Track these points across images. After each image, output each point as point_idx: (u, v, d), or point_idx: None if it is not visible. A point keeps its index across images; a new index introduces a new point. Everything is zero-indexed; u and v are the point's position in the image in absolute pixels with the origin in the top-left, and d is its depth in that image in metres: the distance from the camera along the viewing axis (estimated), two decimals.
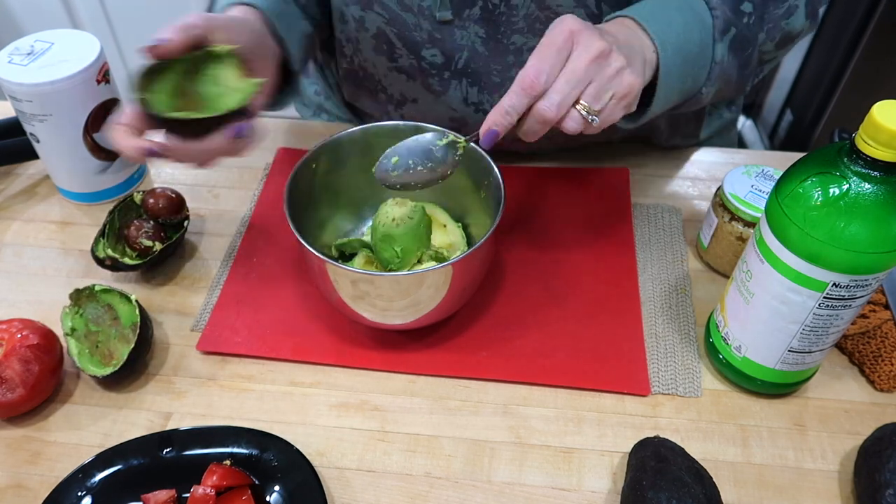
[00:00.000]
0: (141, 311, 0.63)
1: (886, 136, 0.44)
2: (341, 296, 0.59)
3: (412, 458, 0.58)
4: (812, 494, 0.56)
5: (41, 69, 0.69)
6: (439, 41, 0.70)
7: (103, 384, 0.63)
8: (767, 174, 0.68)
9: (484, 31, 0.69)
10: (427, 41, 0.70)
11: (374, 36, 0.72)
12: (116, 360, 0.61)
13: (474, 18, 0.68)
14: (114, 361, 0.61)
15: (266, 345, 0.65)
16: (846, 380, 0.63)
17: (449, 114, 0.76)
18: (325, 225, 0.70)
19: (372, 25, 0.71)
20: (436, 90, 0.74)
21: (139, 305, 0.63)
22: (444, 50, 0.71)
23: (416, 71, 0.73)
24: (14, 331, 0.59)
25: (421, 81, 0.74)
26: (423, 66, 0.73)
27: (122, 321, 0.64)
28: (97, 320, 0.64)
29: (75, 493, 0.54)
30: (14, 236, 0.76)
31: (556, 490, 0.56)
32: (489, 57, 0.71)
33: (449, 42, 0.70)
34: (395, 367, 0.63)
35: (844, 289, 0.50)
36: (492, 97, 0.73)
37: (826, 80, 1.78)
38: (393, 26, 0.70)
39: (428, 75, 0.73)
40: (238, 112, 0.57)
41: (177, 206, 0.72)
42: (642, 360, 0.63)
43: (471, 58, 0.71)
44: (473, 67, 0.72)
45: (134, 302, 0.63)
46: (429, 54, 0.71)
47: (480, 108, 0.74)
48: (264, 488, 0.55)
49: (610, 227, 0.75)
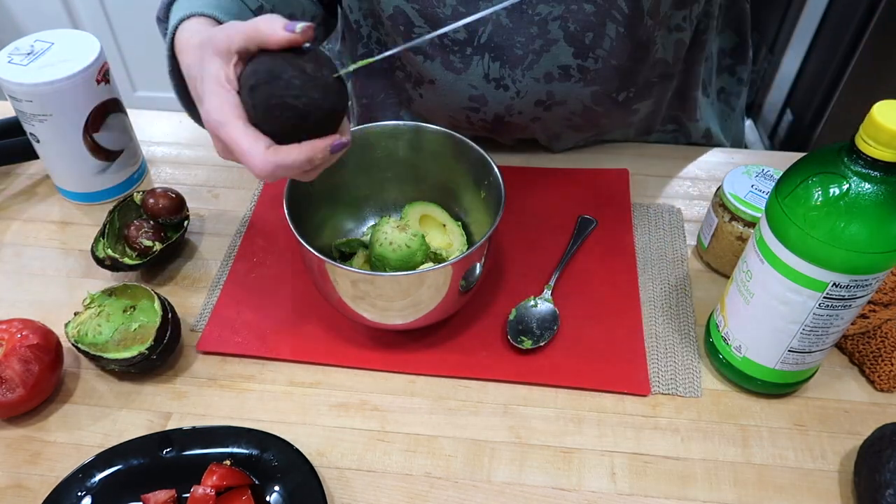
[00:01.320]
0: (160, 297, 0.63)
1: (886, 136, 0.44)
2: (341, 296, 0.59)
3: (412, 458, 0.58)
4: (812, 494, 0.56)
5: (41, 69, 0.69)
6: (463, 15, 0.68)
7: (117, 375, 0.63)
8: (767, 174, 0.68)
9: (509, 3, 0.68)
10: (451, 17, 0.69)
11: (390, 17, 0.71)
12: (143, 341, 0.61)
13: None
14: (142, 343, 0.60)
15: (266, 345, 0.65)
16: (846, 380, 0.63)
17: (469, 92, 0.74)
18: (325, 225, 0.70)
19: (389, 5, 0.70)
20: (456, 67, 0.72)
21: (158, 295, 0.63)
22: (468, 24, 0.69)
23: (437, 49, 0.72)
24: (14, 331, 0.59)
25: (441, 60, 0.72)
26: (446, 43, 0.71)
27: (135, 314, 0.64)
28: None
29: (75, 493, 0.54)
30: (14, 236, 0.76)
31: (556, 490, 0.56)
32: (513, 29, 0.69)
33: None
34: (395, 367, 0.63)
35: (844, 289, 0.50)
36: (513, 71, 0.72)
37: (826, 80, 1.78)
38: (414, 3, 0.69)
39: (449, 52, 0.71)
40: None
41: (177, 206, 0.72)
42: (642, 360, 0.63)
43: (494, 31, 0.70)
44: (497, 41, 0.70)
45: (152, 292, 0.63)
46: (452, 30, 0.69)
47: (501, 83, 0.73)
48: (264, 488, 0.55)
49: (610, 227, 0.75)
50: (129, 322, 0.63)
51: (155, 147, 0.86)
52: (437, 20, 0.69)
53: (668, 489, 0.56)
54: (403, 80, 0.78)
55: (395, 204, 0.73)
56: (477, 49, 0.71)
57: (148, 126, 0.87)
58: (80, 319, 0.63)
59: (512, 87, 0.73)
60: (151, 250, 0.68)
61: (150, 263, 0.69)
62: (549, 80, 0.72)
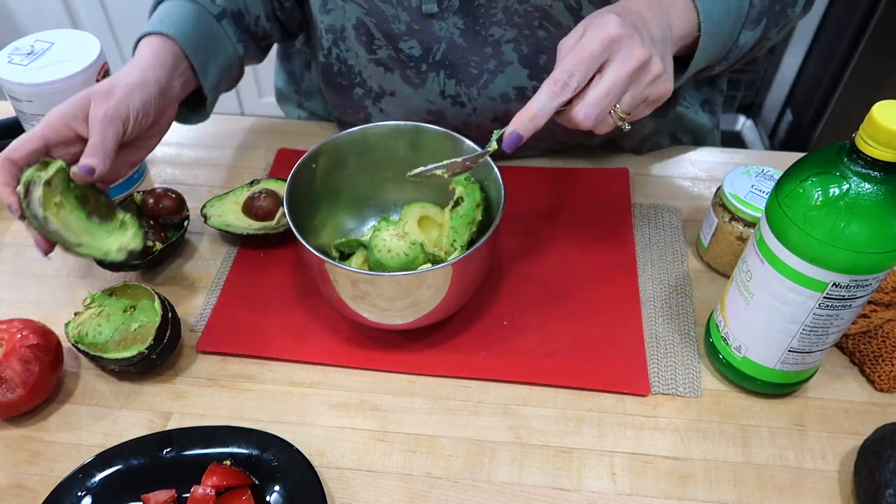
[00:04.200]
0: (160, 296, 0.63)
1: (886, 136, 0.44)
2: (341, 296, 0.59)
3: (412, 458, 0.58)
4: (812, 494, 0.56)
5: (41, 69, 0.69)
6: (418, 32, 0.70)
7: (117, 375, 0.63)
8: (767, 174, 0.68)
9: (462, 23, 0.69)
10: (406, 33, 0.70)
11: (354, 26, 0.72)
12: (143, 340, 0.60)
13: (453, 9, 0.68)
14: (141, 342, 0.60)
15: (266, 345, 0.65)
16: (846, 380, 0.63)
17: (426, 107, 0.76)
18: (325, 225, 0.70)
19: (352, 16, 0.72)
20: (413, 82, 0.74)
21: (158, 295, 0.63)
22: (423, 41, 0.71)
23: (395, 62, 0.73)
24: (14, 331, 0.59)
25: (400, 73, 0.74)
26: (402, 58, 0.72)
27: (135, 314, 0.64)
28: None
29: (75, 493, 0.54)
30: (14, 236, 0.76)
31: (556, 490, 0.56)
32: (467, 49, 0.71)
33: (427, 33, 0.70)
34: (395, 367, 0.63)
35: (844, 289, 0.50)
36: (468, 90, 0.73)
37: (826, 80, 1.78)
38: (372, 17, 0.70)
39: (406, 67, 0.73)
40: None
41: (177, 206, 0.72)
42: (642, 360, 0.63)
43: (449, 49, 0.71)
44: (451, 59, 0.72)
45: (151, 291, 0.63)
46: (407, 46, 0.71)
47: (457, 100, 0.74)
48: (264, 488, 0.55)
49: (610, 227, 0.75)
50: (129, 322, 0.63)
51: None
52: (393, 36, 0.71)
53: (668, 489, 0.56)
54: (363, 97, 0.79)
55: (394, 204, 0.73)
56: (432, 66, 0.72)
57: None
58: (80, 319, 0.63)
59: (468, 104, 0.74)
60: (152, 250, 0.68)
61: (151, 263, 0.69)
62: (505, 101, 0.73)
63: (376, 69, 0.75)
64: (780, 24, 0.67)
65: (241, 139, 0.87)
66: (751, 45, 0.65)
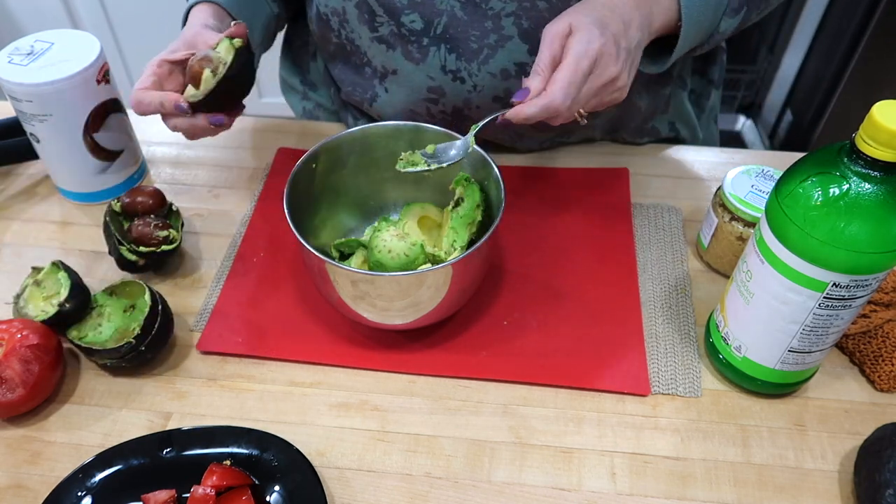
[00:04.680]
0: (150, 288, 0.63)
1: (886, 136, 0.44)
2: (341, 296, 0.59)
3: (412, 458, 0.58)
4: (812, 494, 0.56)
5: (41, 69, 0.69)
6: (419, 5, 0.71)
7: (115, 373, 0.63)
8: (767, 174, 0.68)
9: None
10: (407, 6, 0.71)
11: (356, 5, 0.73)
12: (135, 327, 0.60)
13: None
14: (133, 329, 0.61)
15: (266, 345, 0.65)
16: (846, 380, 0.63)
17: (427, 83, 0.76)
18: (325, 225, 0.70)
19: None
20: (415, 57, 0.74)
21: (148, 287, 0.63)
22: (424, 14, 0.71)
23: (397, 38, 0.74)
24: (14, 331, 0.59)
25: (401, 49, 0.74)
26: (403, 33, 0.73)
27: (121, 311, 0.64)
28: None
29: (75, 493, 0.54)
30: (14, 236, 0.76)
31: (556, 490, 0.56)
32: (468, 22, 0.71)
33: (428, 6, 0.70)
34: (395, 367, 0.63)
35: (844, 289, 0.50)
36: (469, 65, 0.73)
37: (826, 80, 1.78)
38: None
39: (408, 42, 0.73)
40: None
41: (159, 199, 0.71)
42: (642, 361, 0.63)
43: (450, 23, 0.71)
44: (452, 33, 0.72)
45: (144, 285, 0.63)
46: (408, 20, 0.72)
47: (458, 75, 0.74)
48: (264, 488, 0.55)
49: (610, 227, 0.75)
50: (129, 322, 0.63)
51: (155, 147, 0.86)
52: (394, 9, 0.72)
53: (668, 489, 0.56)
54: (371, 77, 0.80)
55: (394, 204, 0.73)
56: (433, 40, 0.73)
57: (148, 126, 0.87)
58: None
59: (468, 80, 0.74)
60: (169, 238, 0.68)
61: (173, 251, 0.69)
62: (505, 77, 0.73)
63: (379, 47, 0.75)
64: (760, 9, 0.71)
65: (241, 139, 0.87)
66: (732, 30, 0.69)
